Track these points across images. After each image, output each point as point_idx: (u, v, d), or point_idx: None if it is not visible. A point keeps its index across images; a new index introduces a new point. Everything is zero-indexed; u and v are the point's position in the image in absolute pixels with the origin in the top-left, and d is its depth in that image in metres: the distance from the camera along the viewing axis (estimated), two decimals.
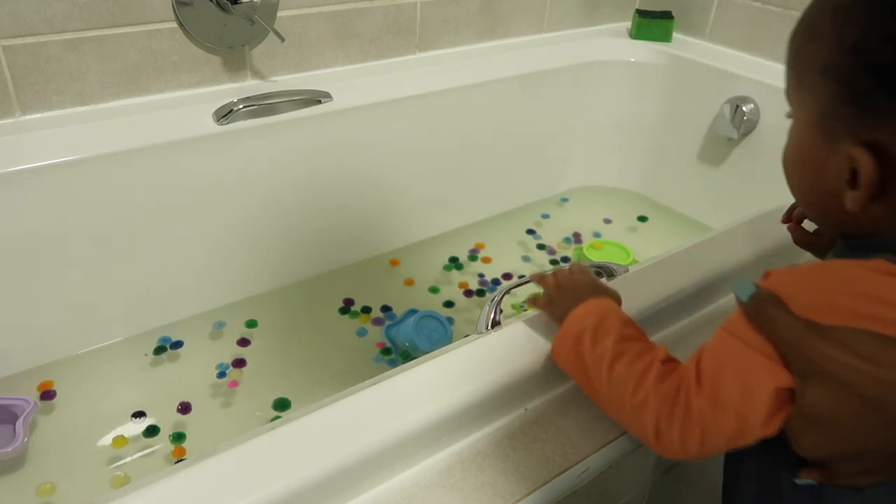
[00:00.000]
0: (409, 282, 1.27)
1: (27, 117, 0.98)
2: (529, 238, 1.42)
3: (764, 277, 0.48)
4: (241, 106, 1.07)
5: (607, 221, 1.48)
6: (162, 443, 0.94)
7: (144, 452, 0.93)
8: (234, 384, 1.03)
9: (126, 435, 0.94)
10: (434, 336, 1.08)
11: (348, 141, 1.19)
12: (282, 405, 1.00)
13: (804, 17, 0.48)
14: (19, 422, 0.88)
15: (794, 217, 0.66)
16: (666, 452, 0.51)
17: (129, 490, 0.50)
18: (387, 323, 1.16)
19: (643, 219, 1.49)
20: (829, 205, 0.48)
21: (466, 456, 0.60)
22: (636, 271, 0.77)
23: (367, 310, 1.20)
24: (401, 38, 1.27)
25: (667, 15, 1.48)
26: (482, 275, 1.30)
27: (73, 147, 0.96)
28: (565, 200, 1.55)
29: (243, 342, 1.11)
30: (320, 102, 1.13)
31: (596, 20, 1.55)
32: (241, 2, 1.03)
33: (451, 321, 1.13)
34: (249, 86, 1.14)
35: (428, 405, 0.58)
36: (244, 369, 1.06)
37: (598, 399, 0.58)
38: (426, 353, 0.65)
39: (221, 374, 1.05)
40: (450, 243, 1.38)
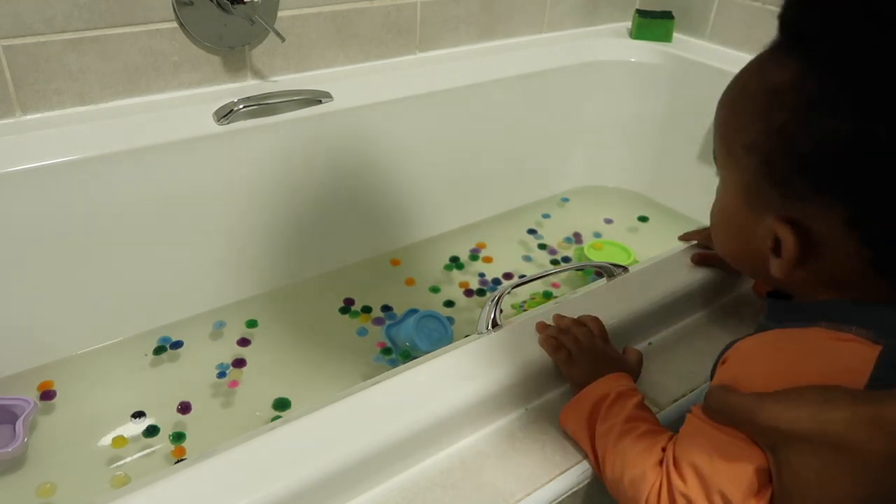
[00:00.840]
0: (410, 281, 1.27)
1: (27, 117, 0.98)
2: (530, 238, 1.42)
3: (721, 363, 0.50)
4: (242, 106, 1.07)
5: (608, 221, 1.48)
6: (162, 443, 0.94)
7: (144, 452, 0.92)
8: (235, 384, 1.03)
9: (126, 435, 0.94)
10: (434, 336, 1.08)
11: (348, 141, 1.19)
12: (282, 405, 1.00)
13: (734, 88, 0.48)
14: (19, 422, 0.88)
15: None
16: None
17: (129, 490, 0.50)
18: (387, 322, 1.16)
19: (644, 219, 1.49)
20: (756, 264, 0.49)
21: (466, 456, 0.60)
22: (636, 271, 0.77)
23: (368, 309, 1.20)
24: (401, 38, 1.27)
25: (667, 15, 1.47)
26: (483, 274, 1.30)
27: (73, 147, 0.96)
28: (566, 200, 1.55)
29: (243, 342, 1.11)
30: (321, 102, 1.13)
31: (596, 20, 1.55)
32: (243, 2, 1.03)
33: (452, 321, 1.13)
34: (250, 86, 1.14)
35: (428, 405, 0.58)
36: (244, 369, 1.06)
37: (599, 470, 0.58)
38: (426, 353, 0.65)
39: (221, 374, 1.05)
40: (451, 243, 1.38)
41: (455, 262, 1.33)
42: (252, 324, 1.15)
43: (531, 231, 1.44)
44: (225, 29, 1.07)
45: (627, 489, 0.52)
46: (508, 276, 1.29)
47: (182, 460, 0.91)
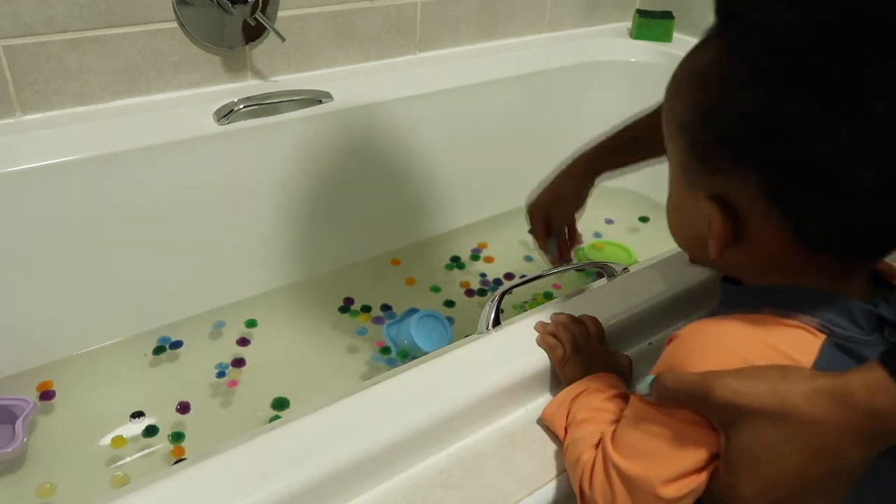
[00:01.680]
0: (411, 281, 1.27)
1: (27, 117, 0.98)
2: (531, 238, 1.41)
3: (667, 343, 0.50)
4: (242, 106, 1.07)
5: (609, 222, 1.48)
6: (161, 443, 0.94)
7: (144, 452, 0.92)
8: (234, 384, 1.03)
9: (125, 435, 0.94)
10: (434, 336, 1.08)
11: (349, 141, 1.19)
12: (281, 405, 1.00)
13: (674, 73, 0.50)
14: (19, 422, 0.88)
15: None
16: None
17: (129, 490, 0.50)
18: (387, 322, 1.16)
19: (644, 219, 1.49)
20: (700, 248, 0.50)
21: (466, 456, 0.60)
22: (637, 271, 0.77)
23: (367, 309, 1.20)
24: (401, 38, 1.27)
25: (667, 15, 1.47)
26: (484, 274, 1.30)
27: (73, 147, 0.96)
28: None
29: (243, 342, 1.11)
30: (321, 102, 1.13)
31: (596, 20, 1.54)
32: (244, 2, 1.03)
33: (452, 321, 1.13)
34: (250, 86, 1.14)
35: (428, 405, 0.58)
36: (244, 369, 1.06)
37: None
38: (426, 353, 0.65)
39: (221, 374, 1.05)
40: (451, 243, 1.38)
41: (456, 262, 1.33)
42: (251, 323, 1.14)
43: (532, 231, 1.43)
44: (225, 29, 1.07)
45: (574, 471, 0.53)
46: (510, 277, 1.29)
47: (181, 460, 0.91)
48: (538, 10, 1.44)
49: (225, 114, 1.05)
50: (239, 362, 1.07)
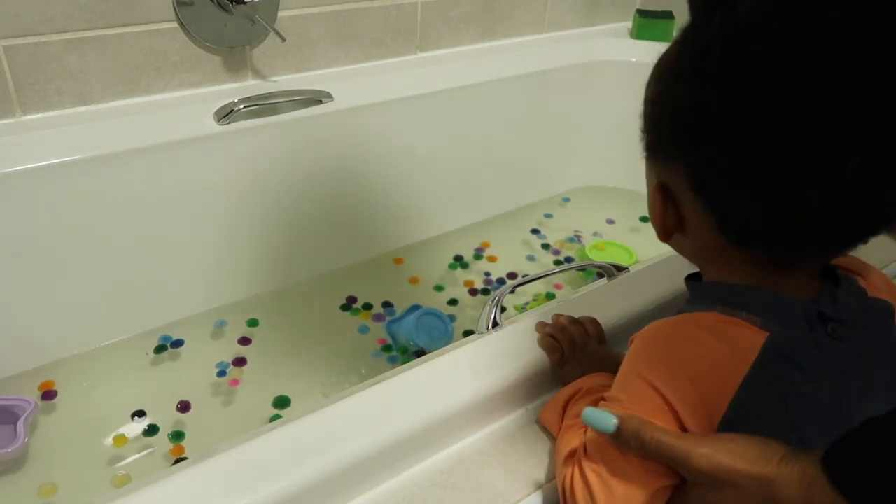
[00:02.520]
0: (414, 280, 1.27)
1: (28, 117, 0.98)
2: (534, 238, 1.42)
3: (630, 343, 0.52)
4: (242, 106, 1.07)
5: (610, 222, 1.48)
6: (162, 442, 0.94)
7: (145, 452, 0.93)
8: (235, 383, 1.03)
9: (127, 434, 0.94)
10: (434, 333, 1.08)
11: (349, 141, 1.19)
12: (282, 403, 1.00)
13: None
14: (20, 422, 0.88)
15: None
16: None
17: (130, 490, 0.50)
18: (388, 319, 1.16)
19: (646, 219, 1.49)
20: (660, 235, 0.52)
21: (466, 456, 0.60)
22: (637, 271, 0.77)
23: (369, 307, 1.20)
24: (401, 38, 1.27)
25: (667, 15, 1.47)
26: (488, 273, 1.30)
27: (73, 147, 0.96)
28: (567, 200, 1.55)
29: (244, 341, 1.11)
30: (321, 102, 1.13)
31: (597, 20, 1.54)
32: (244, 2, 1.03)
33: (453, 319, 1.13)
34: (250, 86, 1.14)
35: (428, 405, 0.58)
36: (245, 368, 1.06)
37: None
38: (426, 350, 0.65)
39: (222, 373, 1.05)
40: (454, 242, 1.38)
41: (459, 262, 1.33)
42: (253, 323, 1.15)
43: (534, 231, 1.44)
44: (225, 29, 1.07)
45: (558, 474, 0.53)
46: (512, 276, 1.29)
47: (181, 459, 0.91)
48: (538, 10, 1.44)
49: (225, 114, 1.05)
50: (240, 361, 1.07)
